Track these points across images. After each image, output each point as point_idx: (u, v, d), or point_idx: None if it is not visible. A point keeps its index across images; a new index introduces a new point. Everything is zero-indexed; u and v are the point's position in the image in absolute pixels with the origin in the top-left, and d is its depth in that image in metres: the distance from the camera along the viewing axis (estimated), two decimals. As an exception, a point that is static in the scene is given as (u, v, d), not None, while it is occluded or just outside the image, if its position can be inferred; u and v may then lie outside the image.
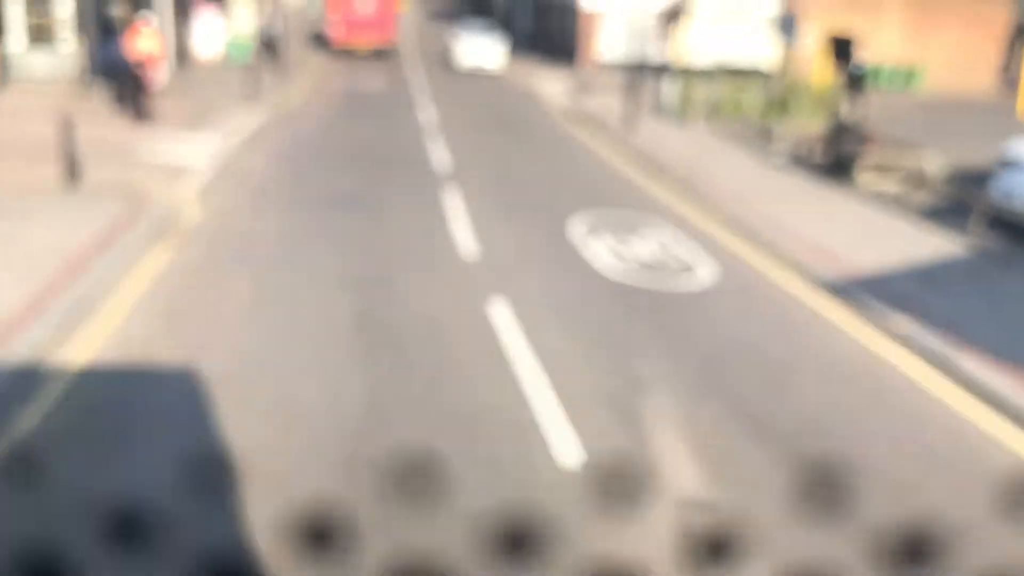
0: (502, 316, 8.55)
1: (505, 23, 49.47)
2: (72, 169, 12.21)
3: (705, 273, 10.27)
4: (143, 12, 22.99)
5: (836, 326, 9.07)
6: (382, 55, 32.47)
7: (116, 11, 22.73)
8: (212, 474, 5.03)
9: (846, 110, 22.46)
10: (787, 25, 17.00)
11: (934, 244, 11.58)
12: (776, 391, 7.47)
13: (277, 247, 10.41)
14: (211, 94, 22.28)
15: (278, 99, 22.22)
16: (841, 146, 14.74)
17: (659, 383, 7.38)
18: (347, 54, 32.23)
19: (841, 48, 18.78)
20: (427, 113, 21.09)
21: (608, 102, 24.47)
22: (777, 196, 13.82)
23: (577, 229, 11.49)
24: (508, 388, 7.11)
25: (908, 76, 32.08)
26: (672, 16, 25.43)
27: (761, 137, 18.19)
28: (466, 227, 11.42)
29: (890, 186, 14.40)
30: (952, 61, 33.25)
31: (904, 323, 8.95)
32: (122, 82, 16.41)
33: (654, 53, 33.16)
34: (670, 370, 7.66)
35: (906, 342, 8.67)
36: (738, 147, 18.05)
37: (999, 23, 34.16)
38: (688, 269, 10.37)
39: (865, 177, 14.51)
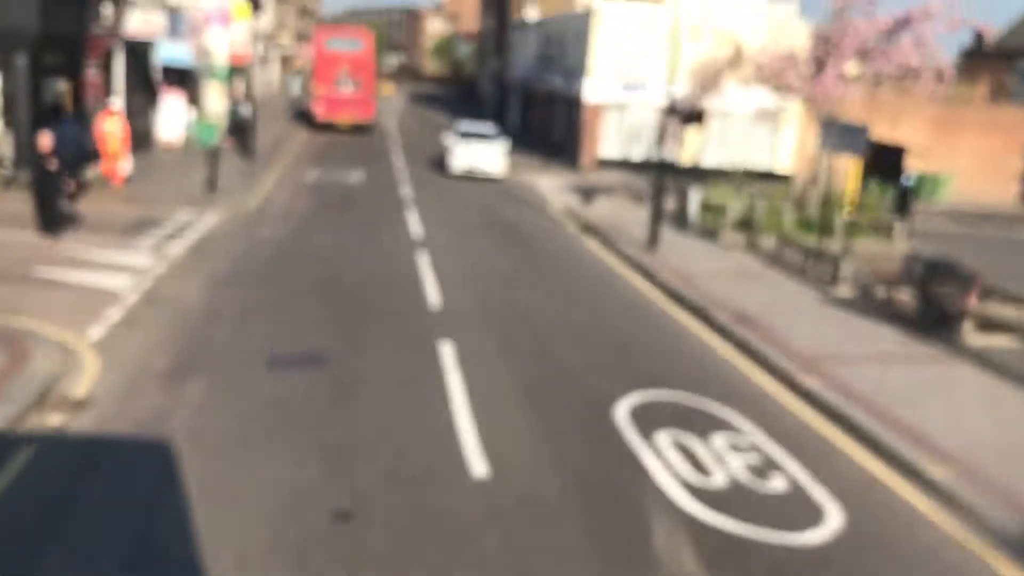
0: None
1: (496, 114, 47.32)
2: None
3: (824, 508, 6.93)
4: (111, 98, 20.25)
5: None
6: (363, 130, 34.41)
7: (61, 87, 19.67)
8: None
9: (900, 231, 19.80)
10: (855, 138, 14.15)
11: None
12: None
13: (191, 452, 6.94)
14: (163, 187, 19.09)
15: (240, 194, 19.06)
16: (937, 289, 11.72)
17: None
18: (327, 133, 33.18)
19: (888, 159, 16.00)
20: (415, 219, 17.96)
21: (622, 209, 21.59)
22: (871, 358, 10.65)
23: (626, 426, 8.08)
24: None
25: (934, 185, 29.83)
26: (691, 118, 22.92)
27: (814, 261, 15.18)
28: (471, 415, 8.04)
29: (1002, 341, 11.37)
30: (972, 169, 31.63)
31: None
32: (41, 180, 13.01)
33: (661, 151, 30.47)
34: None
35: None
36: (789, 275, 15.00)
37: (1020, 130, 32.42)
38: (798, 500, 7.02)
39: (971, 330, 11.46)
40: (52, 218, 13.14)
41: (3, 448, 6.71)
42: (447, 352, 9.51)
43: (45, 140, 12.71)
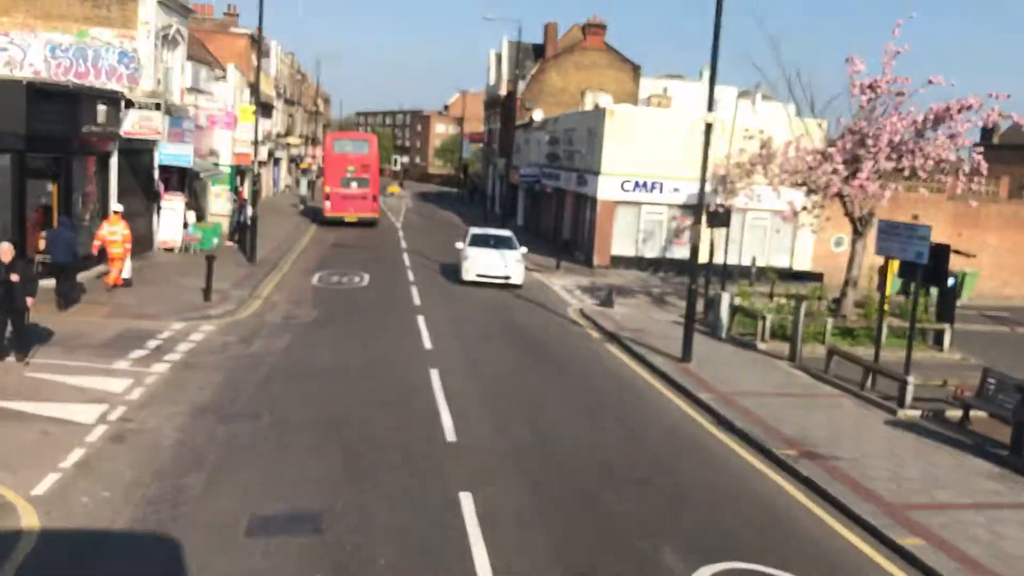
0: None
1: (503, 213, 46.56)
2: None
3: None
4: (113, 201, 19.34)
5: None
6: (368, 226, 35.63)
7: (50, 189, 18.57)
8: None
9: (949, 339, 18.22)
10: (916, 242, 12.73)
11: None
12: None
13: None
14: (156, 295, 17.71)
15: (237, 302, 17.64)
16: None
17: None
18: (332, 231, 33.44)
19: (932, 259, 14.57)
20: (425, 329, 16.46)
21: (643, 312, 20.12)
22: (969, 504, 8.93)
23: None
24: None
25: (961, 282, 28.48)
26: (716, 219, 21.71)
27: (873, 377, 13.55)
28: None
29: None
30: (995, 264, 30.81)
31: None
32: (3, 295, 11.52)
33: (676, 249, 29.48)
34: None
35: None
36: (844, 392, 13.35)
37: (1040, 226, 31.58)
38: None
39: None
40: (16, 337, 11.66)
41: None
42: (468, 509, 7.77)
43: (6, 250, 11.32)
